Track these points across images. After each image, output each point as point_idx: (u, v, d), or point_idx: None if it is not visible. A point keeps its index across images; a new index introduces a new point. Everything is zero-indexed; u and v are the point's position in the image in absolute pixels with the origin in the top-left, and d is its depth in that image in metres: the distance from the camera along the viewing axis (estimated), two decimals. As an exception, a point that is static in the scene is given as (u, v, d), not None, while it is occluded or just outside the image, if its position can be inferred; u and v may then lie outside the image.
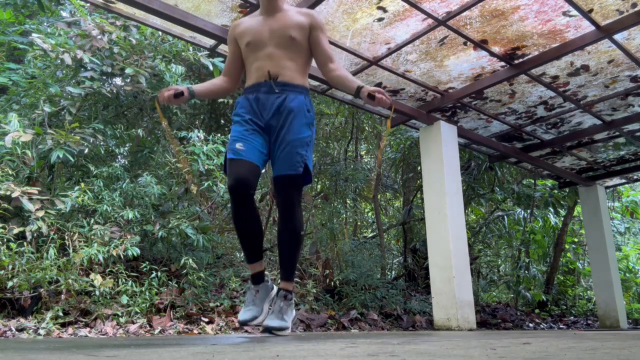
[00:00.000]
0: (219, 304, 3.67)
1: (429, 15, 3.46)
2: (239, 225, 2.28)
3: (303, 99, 2.35)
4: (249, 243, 2.32)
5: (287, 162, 2.27)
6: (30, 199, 3.40)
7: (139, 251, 3.52)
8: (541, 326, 6.54)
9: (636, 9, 3.38)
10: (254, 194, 2.25)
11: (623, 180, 7.29)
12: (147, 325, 3.18)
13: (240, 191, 2.18)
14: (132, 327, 3.07)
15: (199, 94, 2.43)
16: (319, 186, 7.49)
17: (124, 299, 3.28)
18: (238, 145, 2.23)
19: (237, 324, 3.44)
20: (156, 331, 3.11)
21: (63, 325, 2.98)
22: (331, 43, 3.78)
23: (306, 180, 2.33)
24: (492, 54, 3.94)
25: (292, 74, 2.35)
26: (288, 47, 2.34)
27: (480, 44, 3.80)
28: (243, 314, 2.30)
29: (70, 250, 3.37)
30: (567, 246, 8.64)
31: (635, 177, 7.18)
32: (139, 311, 3.26)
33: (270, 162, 2.40)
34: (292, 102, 2.31)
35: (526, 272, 7.56)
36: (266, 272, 2.41)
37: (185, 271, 3.74)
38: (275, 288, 2.47)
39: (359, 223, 8.19)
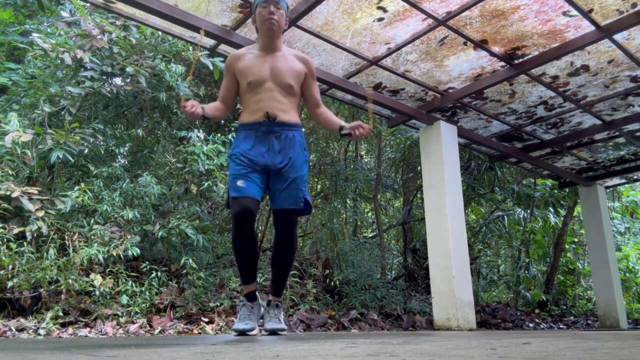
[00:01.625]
0: (219, 304, 3.67)
1: (429, 15, 3.46)
2: (240, 247, 2.43)
3: (299, 137, 2.55)
4: (247, 265, 2.49)
5: (290, 198, 2.47)
6: (30, 199, 3.40)
7: (139, 251, 3.52)
8: (541, 326, 6.54)
9: (636, 9, 3.38)
10: (254, 221, 2.45)
11: (623, 180, 7.29)
12: (147, 325, 3.18)
13: (243, 216, 2.36)
14: (132, 327, 3.07)
15: (209, 113, 2.52)
16: (319, 186, 7.49)
17: (124, 299, 3.28)
18: (239, 183, 2.39)
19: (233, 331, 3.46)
20: (156, 331, 3.11)
21: (63, 325, 2.98)
22: (331, 43, 3.78)
23: (306, 211, 2.56)
24: (492, 54, 3.94)
25: (289, 113, 2.53)
26: (285, 90, 2.52)
27: (480, 44, 3.80)
28: (241, 325, 2.45)
29: (70, 250, 3.37)
30: (567, 246, 8.64)
31: (635, 177, 7.18)
32: (139, 311, 3.26)
33: (269, 196, 2.57)
34: (290, 141, 2.50)
35: (526, 272, 7.56)
36: (256, 293, 2.64)
37: (185, 271, 3.74)
38: (263, 305, 2.73)
39: (359, 223, 8.20)
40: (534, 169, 6.88)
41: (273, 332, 2.56)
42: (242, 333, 2.44)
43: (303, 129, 6.76)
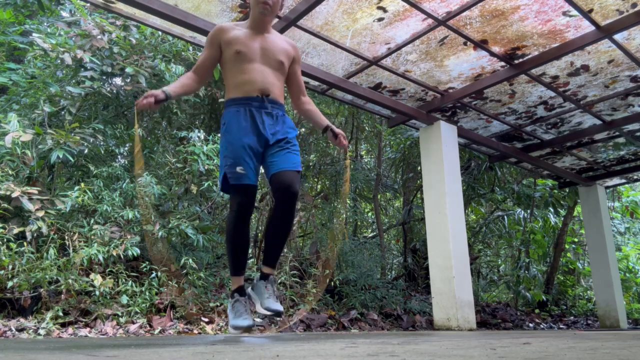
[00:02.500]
0: (219, 304, 3.67)
1: (429, 15, 3.46)
2: (238, 239, 2.39)
3: (288, 119, 2.55)
4: (242, 257, 2.46)
5: (290, 160, 2.42)
6: (30, 199, 3.40)
7: (139, 251, 3.52)
8: (541, 326, 6.53)
9: (636, 9, 3.38)
10: (252, 213, 2.43)
11: (623, 180, 7.29)
12: (147, 325, 3.18)
13: (247, 207, 2.35)
14: (132, 327, 3.07)
15: (175, 95, 2.42)
16: (319, 186, 7.49)
17: (124, 299, 3.28)
18: (239, 169, 2.33)
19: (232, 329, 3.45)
20: (156, 331, 3.11)
21: (63, 325, 2.98)
22: (331, 43, 3.78)
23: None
24: (492, 54, 3.94)
25: (278, 93, 2.50)
26: (276, 69, 2.49)
27: (480, 44, 3.80)
28: (242, 321, 2.37)
29: (70, 250, 3.37)
30: (567, 246, 8.63)
31: (635, 177, 7.18)
32: (139, 311, 3.26)
33: (265, 168, 2.50)
34: (281, 120, 2.49)
35: (526, 272, 7.56)
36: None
37: (185, 271, 3.74)
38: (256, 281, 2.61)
39: (359, 223, 8.19)
40: (534, 169, 6.88)
41: (277, 314, 2.40)
42: (246, 330, 2.36)
43: (303, 129, 6.77)
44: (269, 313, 2.39)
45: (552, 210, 8.00)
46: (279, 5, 2.54)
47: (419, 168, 6.47)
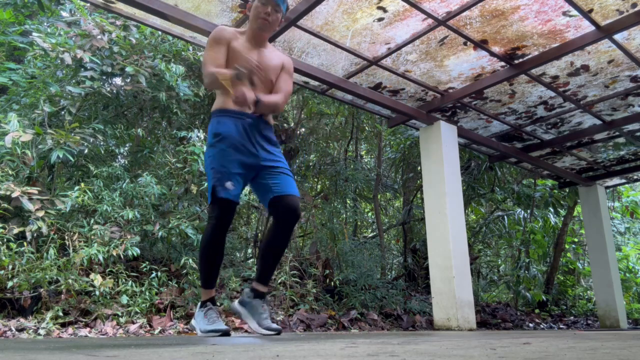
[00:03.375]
0: (218, 304, 3.67)
1: (429, 15, 3.46)
2: (214, 251, 2.39)
3: (275, 140, 2.58)
4: (216, 269, 2.45)
5: (293, 185, 2.48)
6: (30, 199, 3.40)
7: (139, 251, 3.52)
8: (541, 326, 6.54)
9: (636, 9, 3.38)
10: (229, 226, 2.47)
11: (623, 180, 7.29)
12: (147, 325, 3.18)
13: (227, 221, 2.38)
14: (132, 327, 3.07)
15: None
16: (319, 186, 7.49)
17: (124, 299, 3.28)
18: (229, 185, 2.34)
19: (236, 324, 3.45)
20: (156, 331, 3.11)
21: (63, 325, 2.98)
22: (331, 43, 3.78)
23: None
24: (492, 54, 3.94)
25: (268, 114, 2.53)
26: (267, 88, 2.51)
27: (480, 44, 3.80)
28: (221, 326, 2.39)
29: (70, 250, 3.37)
30: (567, 246, 8.63)
31: (635, 177, 7.18)
32: (139, 311, 3.26)
33: (261, 189, 2.50)
34: (273, 142, 2.53)
35: (526, 272, 7.56)
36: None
37: (185, 271, 3.74)
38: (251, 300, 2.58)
39: (359, 223, 8.19)
40: (534, 169, 6.88)
41: (278, 333, 2.44)
42: (225, 333, 2.37)
43: (303, 129, 6.76)
44: (270, 333, 2.41)
45: (552, 210, 8.00)
46: (278, 23, 2.55)
47: (419, 168, 6.47)
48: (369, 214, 8.80)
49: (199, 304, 2.53)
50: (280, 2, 2.49)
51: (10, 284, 2.98)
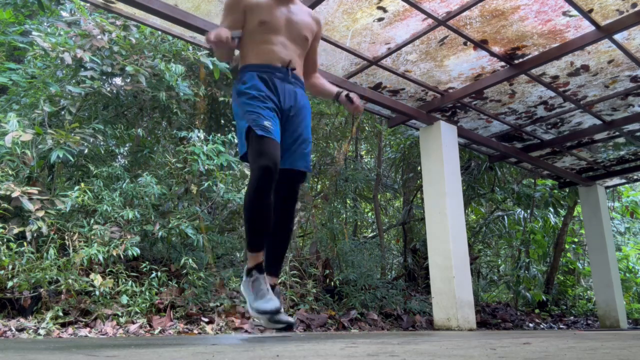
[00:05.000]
0: (219, 304, 3.67)
1: (429, 15, 3.46)
2: (260, 208, 2.08)
3: (308, 102, 2.38)
4: (264, 228, 2.14)
5: (304, 158, 2.26)
6: (30, 199, 3.40)
7: (139, 251, 3.52)
8: (541, 326, 6.53)
9: (636, 9, 3.38)
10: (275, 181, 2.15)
11: (623, 180, 7.29)
12: (147, 325, 3.18)
13: (272, 173, 2.05)
14: (132, 327, 3.07)
15: (236, 35, 2.22)
16: (319, 186, 7.49)
17: (124, 299, 3.28)
18: (267, 123, 2.07)
19: (236, 324, 3.44)
20: (156, 331, 3.11)
21: (63, 325, 2.98)
22: (331, 43, 3.78)
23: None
24: (492, 54, 3.94)
25: (300, 70, 2.34)
26: (300, 45, 2.32)
27: (480, 44, 3.80)
28: (269, 304, 2.05)
29: (70, 250, 3.37)
30: (567, 246, 8.63)
31: (635, 177, 7.18)
32: (139, 311, 3.26)
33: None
34: (304, 98, 2.31)
35: (526, 272, 7.56)
36: None
37: (185, 271, 3.74)
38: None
39: (359, 223, 8.19)
40: (534, 169, 6.88)
41: (289, 327, 2.16)
42: (274, 314, 2.04)
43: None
44: (279, 326, 2.15)
45: (552, 210, 8.00)
46: None
47: (419, 168, 6.47)
48: (369, 214, 8.80)
49: (245, 270, 2.23)
50: None
51: (10, 284, 2.98)
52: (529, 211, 7.98)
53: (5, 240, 3.16)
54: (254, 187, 2.05)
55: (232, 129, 5.45)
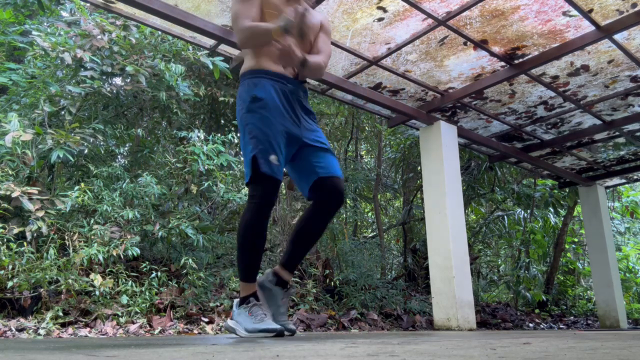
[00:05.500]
0: (219, 304, 3.67)
1: (429, 15, 3.46)
2: (256, 236, 2.08)
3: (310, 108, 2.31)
4: (257, 257, 2.13)
5: (335, 165, 2.20)
6: (30, 199, 3.40)
7: (139, 251, 3.52)
8: (541, 326, 6.54)
9: (636, 9, 3.38)
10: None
11: (623, 180, 7.29)
12: (147, 325, 3.18)
13: (269, 207, 2.07)
14: (132, 327, 3.07)
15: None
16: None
17: (124, 299, 3.28)
18: (273, 159, 2.01)
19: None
20: (156, 331, 3.11)
21: (63, 325, 2.98)
22: (331, 43, 3.78)
23: None
24: (492, 54, 3.94)
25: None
26: (305, 48, 2.23)
27: (480, 44, 3.80)
28: (270, 325, 2.02)
29: (70, 250, 3.37)
30: (567, 246, 8.63)
31: (635, 177, 7.18)
32: (139, 311, 3.26)
33: (301, 164, 2.19)
34: (311, 109, 2.25)
35: (526, 272, 7.56)
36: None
37: (185, 271, 3.74)
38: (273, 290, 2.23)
39: (359, 223, 8.19)
40: (534, 169, 6.88)
41: (292, 333, 2.13)
42: (279, 334, 2.00)
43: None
44: (289, 334, 2.09)
45: (552, 210, 8.00)
46: None
47: (419, 168, 6.47)
48: (369, 214, 8.80)
49: (237, 300, 2.16)
50: None
51: (10, 284, 2.98)
52: (529, 211, 7.99)
53: (5, 240, 3.16)
54: (248, 219, 2.05)
55: (232, 129, 5.45)
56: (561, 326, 6.82)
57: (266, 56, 2.11)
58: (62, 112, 4.15)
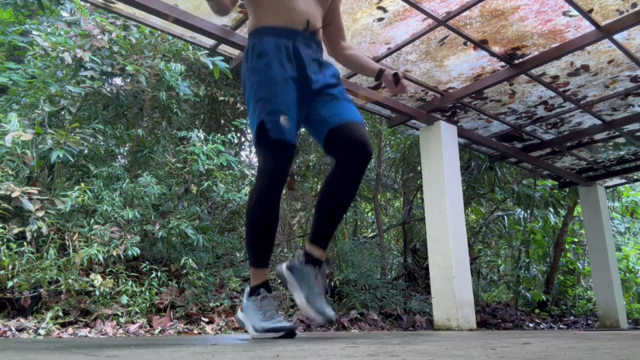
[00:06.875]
0: (219, 304, 3.67)
1: (429, 15, 3.46)
2: (267, 213, 1.83)
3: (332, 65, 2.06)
4: (270, 239, 1.88)
5: (353, 111, 1.95)
6: (30, 199, 3.40)
7: (139, 251, 3.53)
8: (541, 326, 6.54)
9: (636, 9, 3.38)
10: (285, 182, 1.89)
11: (623, 180, 7.29)
12: (147, 325, 3.18)
13: (281, 180, 1.82)
14: (132, 327, 3.07)
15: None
16: (319, 186, 7.49)
17: (124, 299, 3.28)
18: (283, 120, 1.76)
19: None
20: (156, 331, 3.11)
21: (63, 325, 2.98)
22: (331, 43, 3.78)
23: None
24: (492, 54, 3.94)
25: (320, 36, 2.02)
26: (320, 3, 1.99)
27: (480, 44, 3.80)
28: (280, 323, 1.83)
29: (70, 250, 3.37)
30: (567, 246, 8.63)
31: (635, 177, 7.18)
32: (139, 311, 3.26)
33: (316, 119, 1.93)
34: (326, 61, 2.01)
35: (526, 272, 7.56)
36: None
37: (185, 271, 3.74)
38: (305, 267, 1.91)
39: (359, 223, 8.19)
40: (534, 169, 6.88)
41: (329, 322, 1.82)
42: (289, 333, 1.79)
43: (303, 129, 6.75)
44: (319, 318, 1.79)
45: (552, 210, 8.00)
46: None
47: (419, 168, 6.47)
48: (369, 214, 8.80)
49: (248, 290, 1.93)
50: None
51: (10, 284, 2.98)
52: (529, 211, 7.99)
53: (5, 240, 3.16)
54: (261, 191, 1.81)
55: (233, 129, 5.45)
56: (561, 326, 6.82)
57: (270, 12, 1.90)
58: (62, 112, 4.15)
